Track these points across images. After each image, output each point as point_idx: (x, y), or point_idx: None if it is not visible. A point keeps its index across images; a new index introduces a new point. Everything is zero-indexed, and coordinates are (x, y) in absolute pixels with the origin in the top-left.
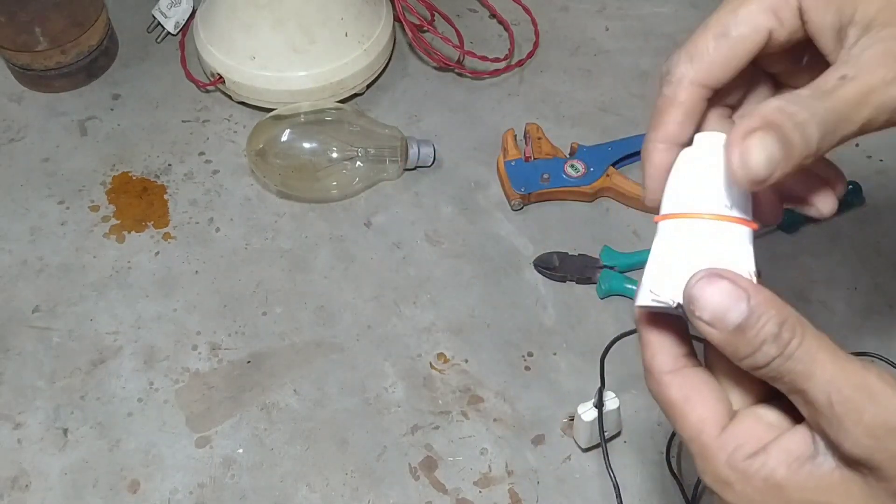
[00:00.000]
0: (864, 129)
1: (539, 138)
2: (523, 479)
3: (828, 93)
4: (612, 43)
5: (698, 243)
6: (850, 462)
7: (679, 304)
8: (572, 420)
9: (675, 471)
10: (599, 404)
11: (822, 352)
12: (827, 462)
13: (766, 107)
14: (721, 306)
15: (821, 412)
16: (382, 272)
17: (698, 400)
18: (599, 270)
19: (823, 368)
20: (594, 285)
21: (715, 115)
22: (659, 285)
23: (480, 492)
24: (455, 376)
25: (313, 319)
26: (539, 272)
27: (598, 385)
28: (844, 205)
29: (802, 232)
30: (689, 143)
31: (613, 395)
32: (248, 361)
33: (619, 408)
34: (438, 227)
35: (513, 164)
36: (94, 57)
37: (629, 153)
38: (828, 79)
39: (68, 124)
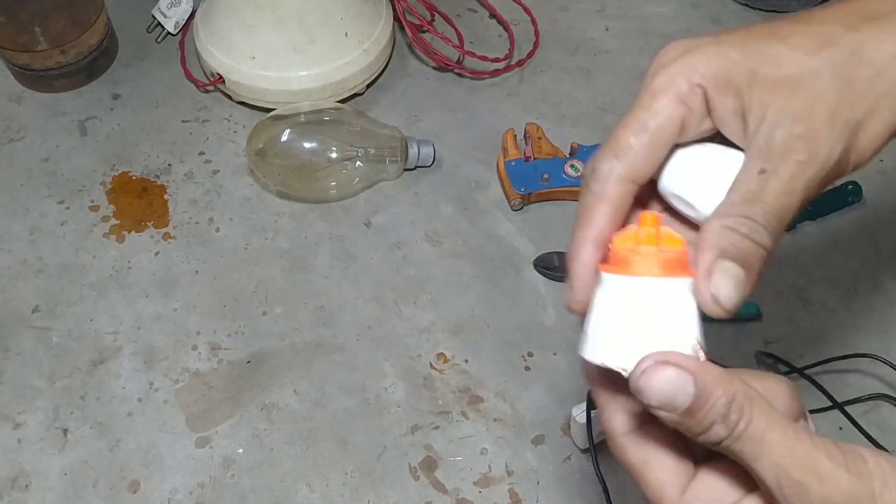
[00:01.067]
0: (804, 205)
1: (539, 138)
2: (523, 479)
3: (757, 193)
4: (612, 43)
5: (642, 306)
6: None
7: (625, 369)
8: None
9: None
10: (589, 407)
11: (771, 431)
12: None
13: (710, 234)
14: (668, 394)
15: (772, 491)
16: (382, 272)
17: (656, 463)
18: None
19: (771, 450)
20: None
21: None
22: (607, 351)
23: (480, 492)
24: (455, 376)
25: (313, 319)
26: (539, 272)
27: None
28: (845, 204)
29: (803, 232)
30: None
31: None
32: (248, 361)
33: None
34: (438, 227)
35: (513, 164)
36: (94, 57)
37: None
38: (749, 178)
39: (68, 124)
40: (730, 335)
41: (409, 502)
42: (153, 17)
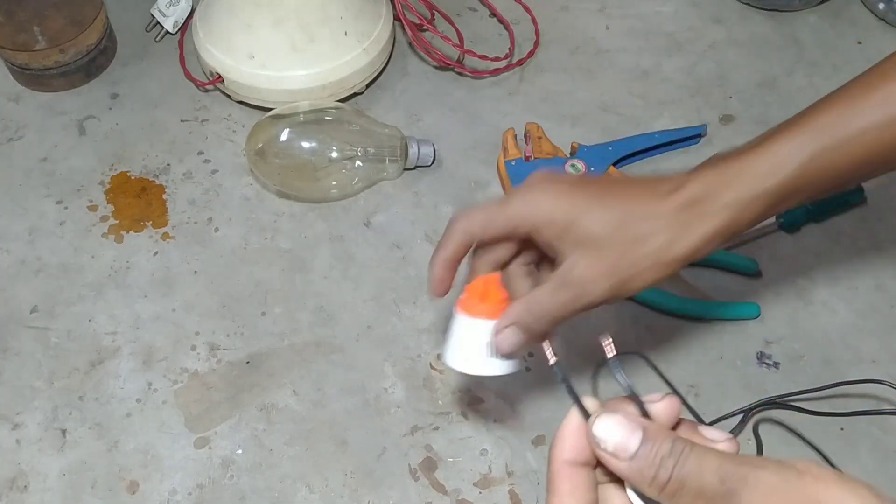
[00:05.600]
0: (566, 318)
1: (539, 138)
2: (523, 480)
3: (555, 289)
4: (612, 42)
5: (469, 336)
6: None
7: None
8: None
9: None
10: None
11: (711, 452)
12: None
13: (514, 309)
14: (621, 440)
15: (715, 494)
16: (382, 272)
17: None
18: None
19: (712, 460)
20: None
21: (484, 260)
22: (452, 360)
23: (480, 492)
24: (455, 377)
25: (313, 320)
26: None
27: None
28: (845, 204)
29: (803, 232)
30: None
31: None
32: (247, 362)
33: None
34: (438, 227)
35: (513, 163)
36: (93, 56)
37: (630, 153)
38: (547, 288)
39: (67, 124)
40: (730, 335)
41: (408, 503)
42: (152, 16)
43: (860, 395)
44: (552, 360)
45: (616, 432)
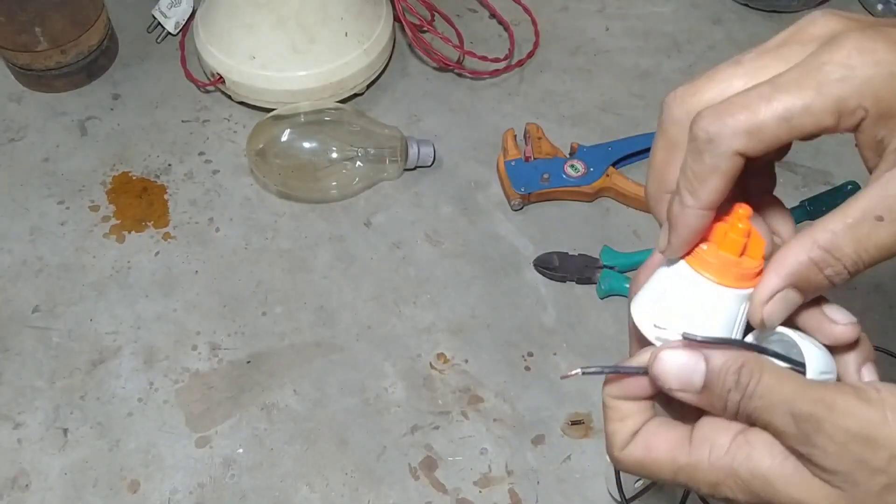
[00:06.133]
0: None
1: (539, 138)
2: (523, 479)
3: (861, 239)
4: (612, 43)
5: (702, 305)
6: (825, 475)
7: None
8: (574, 423)
9: None
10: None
11: (782, 383)
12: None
13: (792, 260)
14: (684, 376)
15: (788, 436)
16: (382, 272)
17: (657, 442)
18: (599, 270)
19: (783, 397)
20: (594, 285)
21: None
22: (650, 324)
23: (480, 492)
24: (455, 376)
25: (313, 319)
26: (539, 272)
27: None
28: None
29: None
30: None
31: None
32: (248, 361)
33: None
34: (438, 227)
35: (513, 164)
36: (94, 57)
37: (629, 153)
38: (863, 218)
39: (68, 124)
40: None
41: (409, 502)
42: (153, 17)
43: None
44: (576, 371)
45: (677, 369)
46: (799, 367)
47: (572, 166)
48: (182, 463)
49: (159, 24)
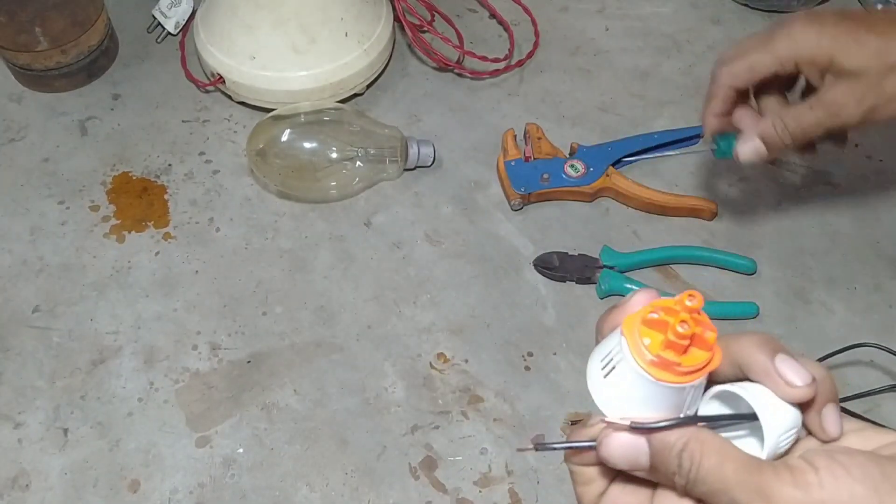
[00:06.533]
0: (819, 132)
1: (539, 138)
2: (523, 479)
3: (798, 113)
4: (612, 43)
5: (645, 398)
6: None
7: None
8: (574, 423)
9: None
10: None
11: (722, 468)
12: None
13: (765, 122)
14: (630, 456)
15: None
16: (382, 272)
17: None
18: (599, 270)
19: (723, 484)
20: (594, 285)
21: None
22: (608, 408)
23: (480, 491)
24: (455, 376)
25: (313, 319)
26: (539, 272)
27: None
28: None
29: (802, 232)
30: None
31: None
32: (248, 361)
33: None
34: (438, 227)
35: (513, 164)
36: (95, 57)
37: (629, 153)
38: (802, 106)
39: (68, 124)
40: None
41: (409, 502)
42: (153, 17)
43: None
44: (530, 448)
45: (622, 449)
46: (756, 419)
47: (572, 166)
48: (182, 463)
49: (159, 24)
